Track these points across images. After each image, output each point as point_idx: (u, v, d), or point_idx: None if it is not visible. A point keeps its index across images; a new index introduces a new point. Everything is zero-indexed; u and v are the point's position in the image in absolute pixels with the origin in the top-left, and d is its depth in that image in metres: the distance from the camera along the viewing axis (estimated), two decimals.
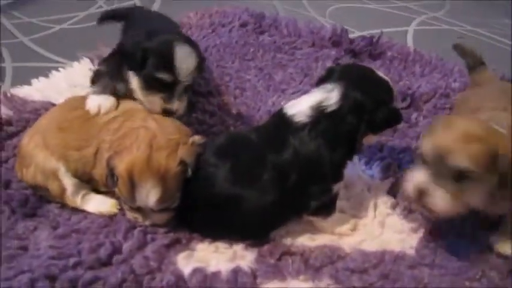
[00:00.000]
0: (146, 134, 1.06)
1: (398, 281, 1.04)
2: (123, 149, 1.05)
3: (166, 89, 1.17)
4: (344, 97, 1.08)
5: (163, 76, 1.16)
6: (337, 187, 1.14)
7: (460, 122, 1.00)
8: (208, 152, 1.10)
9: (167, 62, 1.15)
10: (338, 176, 1.12)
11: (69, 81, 1.69)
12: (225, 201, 1.06)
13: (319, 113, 1.08)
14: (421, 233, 1.18)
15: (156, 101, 1.17)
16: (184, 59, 1.16)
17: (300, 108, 1.10)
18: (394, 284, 1.03)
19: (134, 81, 1.21)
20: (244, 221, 1.09)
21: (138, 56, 1.16)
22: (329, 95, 1.09)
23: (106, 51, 1.86)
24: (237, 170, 1.06)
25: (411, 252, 1.13)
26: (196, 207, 1.10)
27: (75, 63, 1.82)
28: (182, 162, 1.05)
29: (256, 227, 1.11)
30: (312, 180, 1.07)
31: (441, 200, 0.98)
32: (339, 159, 1.09)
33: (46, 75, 1.73)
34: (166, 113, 1.18)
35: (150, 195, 1.02)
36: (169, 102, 1.17)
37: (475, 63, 1.41)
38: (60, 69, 1.78)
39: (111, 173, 1.05)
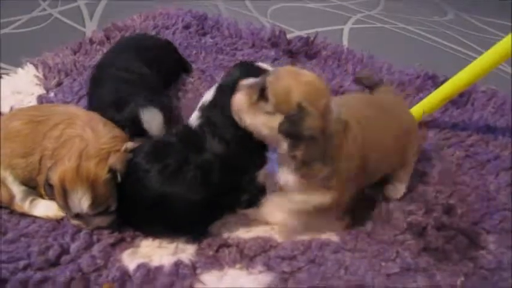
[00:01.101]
0: (79, 144, 1.14)
1: (323, 265, 1.16)
2: (59, 159, 1.12)
3: None
4: (218, 89, 1.19)
5: (140, 140, 1.25)
6: (263, 174, 1.23)
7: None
8: (139, 157, 1.16)
9: (138, 129, 1.30)
10: (258, 162, 1.21)
11: (13, 88, 1.72)
12: (158, 202, 1.13)
13: (202, 111, 1.19)
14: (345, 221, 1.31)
15: None
16: (151, 120, 1.32)
17: (193, 115, 1.21)
18: (319, 268, 1.15)
19: None
20: (178, 218, 1.17)
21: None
22: (209, 92, 1.21)
23: (50, 56, 1.91)
24: (165, 172, 1.13)
25: (336, 238, 1.25)
26: (134, 209, 1.17)
27: (19, 70, 1.84)
28: (111, 170, 1.12)
29: (190, 223, 1.20)
30: (235, 174, 1.16)
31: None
32: (247, 146, 1.16)
33: None
34: None
35: (81, 202, 1.10)
36: None
37: (374, 85, 1.48)
38: (3, 75, 1.80)
39: (49, 183, 1.12)
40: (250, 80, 1.11)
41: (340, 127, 1.08)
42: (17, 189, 1.21)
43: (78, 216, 1.15)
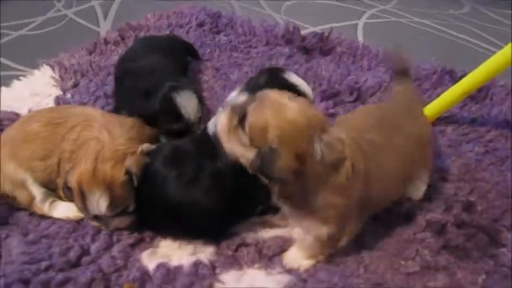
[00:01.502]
0: (95, 146, 1.15)
1: (342, 264, 1.16)
2: (76, 162, 1.14)
3: (183, 131, 1.30)
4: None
5: (178, 126, 1.27)
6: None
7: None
8: (157, 162, 1.17)
9: (175, 113, 1.27)
10: None
11: (31, 90, 1.73)
12: (175, 207, 1.14)
13: None
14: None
15: None
16: (187, 103, 1.28)
17: (211, 120, 1.19)
18: (338, 267, 1.15)
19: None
20: (194, 224, 1.17)
21: (149, 118, 1.29)
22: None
23: (66, 57, 1.92)
24: (182, 179, 1.13)
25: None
26: (152, 213, 1.18)
27: (36, 71, 1.86)
28: (128, 172, 1.13)
29: (206, 228, 1.20)
30: (248, 183, 1.11)
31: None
32: None
33: (7, 85, 1.76)
34: None
35: (99, 204, 1.11)
36: None
37: (399, 72, 1.40)
38: (21, 77, 1.81)
39: (67, 186, 1.14)
40: (237, 100, 1.08)
41: (332, 161, 0.98)
42: (37, 191, 1.22)
43: (97, 218, 1.16)
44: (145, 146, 1.20)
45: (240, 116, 0.99)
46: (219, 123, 1.05)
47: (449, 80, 1.91)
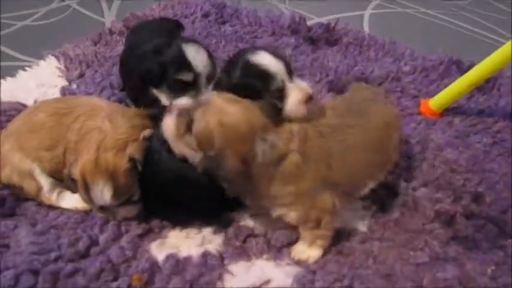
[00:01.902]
0: (97, 136, 1.14)
1: (351, 255, 1.16)
2: (79, 153, 1.13)
3: (191, 87, 1.22)
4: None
5: (186, 76, 1.20)
6: None
7: None
8: (153, 142, 1.17)
9: (182, 62, 1.21)
10: None
11: (36, 81, 1.73)
12: (173, 181, 1.13)
13: None
14: (372, 210, 1.30)
15: (186, 101, 1.21)
16: (195, 53, 1.22)
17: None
18: (347, 258, 1.15)
19: (162, 96, 1.25)
20: (196, 199, 1.17)
21: (157, 71, 1.21)
22: None
23: (71, 48, 1.91)
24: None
25: (363, 228, 1.25)
26: (155, 193, 1.17)
27: (42, 62, 1.85)
28: (131, 159, 1.13)
29: (205, 203, 1.19)
30: None
31: None
32: None
33: (13, 75, 1.76)
34: None
35: (103, 193, 1.11)
36: (198, 96, 1.22)
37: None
38: (26, 68, 1.81)
39: (71, 178, 1.13)
40: (183, 104, 1.13)
41: (274, 159, 1.05)
42: (45, 181, 1.22)
43: (103, 209, 1.16)
44: (147, 132, 1.19)
45: (187, 121, 1.04)
46: (166, 127, 1.09)
47: (456, 71, 1.90)
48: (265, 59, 1.14)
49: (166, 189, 1.16)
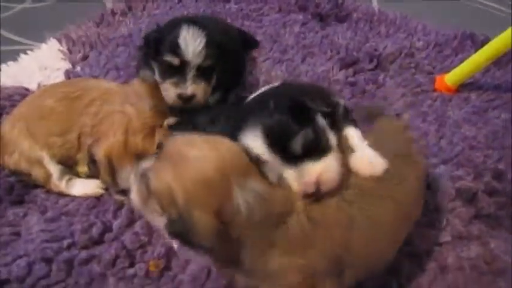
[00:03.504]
0: (122, 119, 1.11)
1: None
2: (101, 135, 1.10)
3: (178, 73, 1.14)
4: None
5: (170, 58, 1.13)
6: None
7: None
8: None
9: (172, 43, 1.12)
10: None
11: (39, 64, 1.68)
12: None
13: None
14: None
15: (169, 87, 1.14)
16: (189, 38, 1.13)
17: None
18: None
19: (156, 71, 1.19)
20: None
21: (152, 44, 1.15)
22: None
23: (73, 30, 1.86)
24: None
25: None
26: None
27: (43, 45, 1.80)
28: (160, 145, 1.09)
29: None
30: None
31: None
32: None
33: (14, 59, 1.71)
34: (183, 100, 1.14)
35: (130, 178, 1.07)
36: (182, 86, 1.14)
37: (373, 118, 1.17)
38: (28, 51, 1.76)
39: (92, 160, 1.10)
40: (144, 166, 0.88)
41: (264, 215, 0.79)
42: (54, 169, 1.19)
43: (123, 192, 1.12)
44: (171, 120, 1.15)
45: (147, 184, 0.82)
46: (132, 195, 0.88)
47: (471, 45, 1.84)
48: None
49: None
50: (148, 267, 1.03)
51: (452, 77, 1.62)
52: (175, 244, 1.08)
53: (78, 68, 1.66)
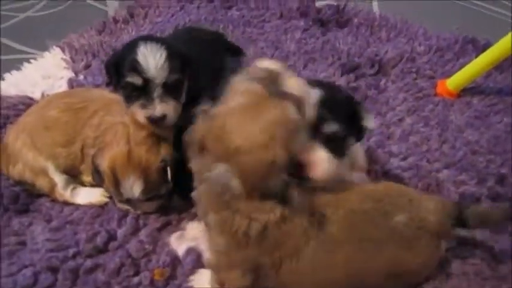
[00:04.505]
0: (124, 129, 1.11)
1: None
2: (104, 146, 1.10)
3: (143, 94, 1.07)
4: None
5: (131, 78, 1.06)
6: None
7: None
8: None
9: (131, 62, 1.05)
10: None
11: (42, 73, 1.68)
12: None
13: None
14: None
15: (136, 111, 1.07)
16: (148, 53, 1.05)
17: None
18: None
19: (122, 97, 1.12)
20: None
21: (112, 70, 1.10)
22: None
23: (75, 38, 1.87)
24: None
25: None
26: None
27: (46, 54, 1.80)
28: (163, 161, 1.10)
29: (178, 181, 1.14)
30: None
31: None
32: None
33: (18, 68, 1.72)
34: (153, 122, 1.07)
35: (134, 188, 1.08)
36: (150, 107, 1.07)
37: None
38: (31, 60, 1.76)
39: (97, 170, 1.10)
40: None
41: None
42: (58, 178, 1.19)
43: (127, 201, 1.13)
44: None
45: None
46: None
47: (472, 50, 1.85)
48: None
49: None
50: (153, 276, 1.03)
51: (453, 82, 1.63)
52: (180, 252, 1.09)
53: (81, 77, 1.67)
